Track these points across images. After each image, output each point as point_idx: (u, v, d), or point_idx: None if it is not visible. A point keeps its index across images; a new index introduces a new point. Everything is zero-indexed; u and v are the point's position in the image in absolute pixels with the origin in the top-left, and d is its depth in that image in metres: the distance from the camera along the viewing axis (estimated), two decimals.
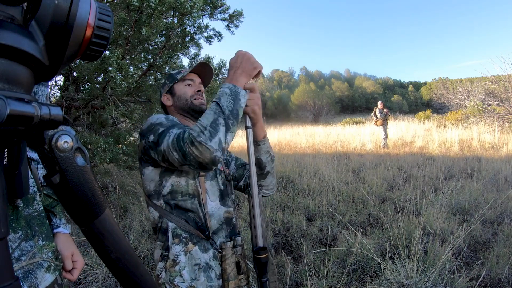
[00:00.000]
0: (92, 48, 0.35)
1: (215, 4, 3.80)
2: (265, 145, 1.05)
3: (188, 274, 0.91)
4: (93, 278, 2.18)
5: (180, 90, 1.10)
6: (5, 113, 0.25)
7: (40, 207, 0.64)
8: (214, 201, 1.01)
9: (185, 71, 1.12)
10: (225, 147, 0.77)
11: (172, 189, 0.95)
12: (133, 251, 0.42)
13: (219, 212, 1.01)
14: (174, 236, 0.93)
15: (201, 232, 0.95)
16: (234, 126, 0.80)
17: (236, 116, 0.80)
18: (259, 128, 1.00)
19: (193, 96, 1.10)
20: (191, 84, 1.12)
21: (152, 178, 0.96)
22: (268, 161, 1.07)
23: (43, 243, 0.64)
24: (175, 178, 0.95)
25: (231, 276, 0.93)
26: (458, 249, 2.55)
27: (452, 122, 12.85)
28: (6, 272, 0.26)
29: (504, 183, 4.43)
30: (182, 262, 0.92)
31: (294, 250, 2.77)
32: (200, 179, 0.99)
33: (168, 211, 0.95)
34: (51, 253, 0.63)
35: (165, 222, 0.95)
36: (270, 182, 1.11)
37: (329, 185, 4.57)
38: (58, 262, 0.65)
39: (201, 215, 0.96)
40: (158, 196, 0.96)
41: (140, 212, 3.44)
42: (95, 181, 0.37)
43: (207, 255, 0.95)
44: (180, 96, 1.09)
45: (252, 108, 0.93)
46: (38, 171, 0.86)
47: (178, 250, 0.92)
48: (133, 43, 3.27)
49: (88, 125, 3.78)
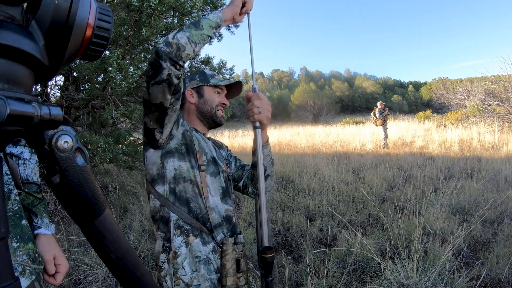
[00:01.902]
0: (92, 48, 0.35)
1: (215, 4, 3.79)
2: (266, 149, 1.08)
3: (189, 266, 0.91)
4: (93, 278, 2.18)
5: (209, 94, 1.11)
6: (5, 113, 0.25)
7: (16, 206, 0.62)
8: (214, 196, 1.01)
9: (219, 79, 1.13)
10: (171, 41, 0.81)
11: (176, 174, 0.96)
12: (133, 251, 0.41)
13: (220, 208, 1.01)
14: (176, 227, 0.93)
15: (202, 225, 0.96)
16: (190, 28, 0.85)
17: (195, 22, 0.88)
18: (264, 133, 1.05)
19: (218, 106, 1.12)
20: (220, 92, 1.14)
21: (154, 161, 0.98)
22: (268, 164, 1.10)
23: (17, 245, 0.61)
24: (177, 161, 0.97)
25: (230, 273, 0.92)
26: (458, 249, 2.55)
27: (452, 122, 12.85)
28: (6, 272, 0.26)
29: (504, 183, 4.43)
30: (183, 253, 0.92)
31: (294, 250, 2.77)
32: (201, 174, 0.99)
33: (171, 201, 0.95)
34: (26, 255, 0.60)
35: (167, 212, 0.95)
36: (269, 184, 1.14)
37: (329, 185, 4.57)
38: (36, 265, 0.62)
39: (202, 206, 0.97)
40: (162, 181, 0.96)
41: (140, 212, 3.44)
42: (95, 181, 0.37)
43: (207, 248, 0.95)
44: (207, 100, 1.10)
45: (265, 115, 0.97)
46: (19, 167, 0.81)
47: (179, 241, 0.92)
48: (133, 43, 3.27)
49: (88, 125, 3.78)
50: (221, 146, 1.22)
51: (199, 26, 0.87)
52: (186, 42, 0.83)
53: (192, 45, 0.85)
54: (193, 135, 1.03)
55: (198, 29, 0.87)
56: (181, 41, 0.82)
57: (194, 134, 1.04)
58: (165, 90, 0.84)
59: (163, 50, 0.81)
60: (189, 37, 0.84)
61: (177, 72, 0.84)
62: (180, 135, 0.99)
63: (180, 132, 0.99)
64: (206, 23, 0.89)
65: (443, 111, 22.19)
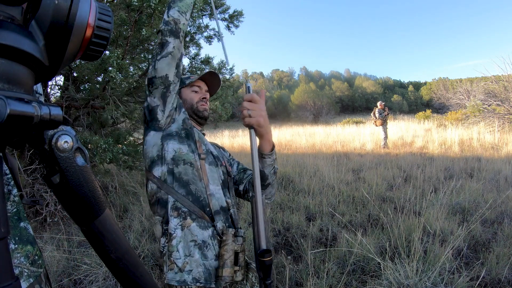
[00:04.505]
0: (92, 48, 0.35)
1: (215, 4, 3.79)
2: (270, 158, 1.00)
3: (183, 250, 0.90)
4: (93, 278, 2.18)
5: (187, 95, 1.16)
6: (5, 113, 0.25)
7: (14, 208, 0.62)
8: (214, 184, 1.01)
9: (194, 78, 1.18)
10: (167, 20, 0.97)
11: (175, 156, 0.98)
12: (133, 251, 0.41)
13: (220, 196, 1.01)
14: (173, 208, 0.93)
15: (202, 209, 0.95)
16: (175, 3, 0.98)
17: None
18: (265, 141, 0.95)
19: (199, 102, 1.16)
20: (198, 91, 1.18)
21: (155, 142, 1.00)
22: (270, 173, 1.03)
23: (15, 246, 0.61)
24: (176, 144, 0.99)
25: (227, 264, 0.90)
26: (458, 249, 2.55)
27: (452, 122, 12.85)
28: (6, 272, 0.26)
29: (504, 183, 4.43)
30: (178, 236, 0.91)
31: (294, 250, 2.77)
32: (201, 162, 1.00)
33: (168, 182, 0.95)
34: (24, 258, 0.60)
35: (164, 194, 0.95)
36: (269, 192, 1.09)
37: (329, 185, 4.57)
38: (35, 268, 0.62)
39: (202, 190, 0.97)
40: (161, 162, 0.98)
41: (140, 212, 3.44)
42: (95, 181, 0.37)
43: (206, 233, 0.93)
44: (186, 100, 1.15)
45: (256, 120, 0.87)
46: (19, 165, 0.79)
47: (175, 223, 0.92)
48: (133, 43, 3.27)
49: (88, 125, 3.78)
50: (223, 149, 1.26)
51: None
52: (178, 15, 0.98)
53: (183, 14, 0.99)
54: (192, 126, 1.07)
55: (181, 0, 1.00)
56: (175, 15, 0.97)
57: (193, 127, 1.08)
58: (171, 62, 0.97)
59: (165, 28, 0.96)
60: (179, 10, 0.98)
61: (179, 44, 0.98)
62: (181, 120, 1.04)
63: (181, 117, 1.04)
64: None
65: (443, 111, 22.20)
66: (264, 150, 0.98)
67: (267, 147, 0.97)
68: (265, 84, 54.31)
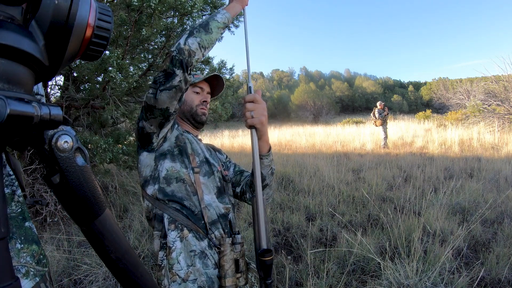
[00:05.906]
0: (92, 48, 0.35)
1: (215, 4, 3.79)
2: (267, 159, 1.01)
3: (184, 261, 0.91)
4: (93, 278, 2.18)
5: (187, 95, 1.12)
6: (5, 113, 0.25)
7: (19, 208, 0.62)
8: (209, 194, 1.01)
9: (198, 78, 1.13)
10: (182, 47, 0.83)
11: (167, 174, 0.96)
12: (133, 251, 0.41)
13: (217, 205, 1.01)
14: (170, 222, 0.93)
15: (196, 223, 0.95)
16: (200, 33, 0.86)
17: (204, 25, 0.88)
18: (264, 141, 0.96)
19: (199, 105, 1.12)
20: (199, 92, 1.14)
21: (148, 163, 0.99)
22: (268, 174, 1.04)
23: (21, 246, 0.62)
24: (169, 163, 0.98)
25: (229, 273, 0.92)
26: (458, 249, 2.55)
27: (452, 122, 12.85)
28: (6, 272, 0.26)
29: (504, 183, 4.43)
30: (178, 248, 0.91)
31: (294, 250, 2.77)
32: (195, 176, 1.00)
33: (160, 200, 0.95)
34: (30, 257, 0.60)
35: (159, 210, 0.95)
36: (266, 193, 1.10)
37: (329, 185, 4.57)
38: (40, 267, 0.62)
39: (196, 203, 0.97)
40: (154, 182, 0.97)
41: (140, 212, 3.44)
42: (95, 181, 0.37)
43: (203, 244, 0.95)
44: (186, 101, 1.12)
45: (259, 119, 0.88)
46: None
47: (174, 236, 0.92)
48: (133, 43, 3.27)
49: (88, 125, 3.78)
50: (220, 151, 1.24)
51: (209, 30, 0.88)
52: (196, 47, 0.85)
53: (202, 50, 0.86)
54: (186, 137, 1.04)
55: (208, 33, 0.87)
56: (192, 47, 0.84)
57: (186, 136, 1.05)
58: (174, 96, 0.87)
59: (177, 58, 0.83)
60: (200, 43, 0.85)
61: (187, 78, 0.87)
62: (174, 138, 1.01)
63: (174, 135, 1.01)
64: (215, 25, 0.89)
65: (443, 111, 22.19)
66: (262, 151, 0.98)
67: (265, 148, 0.98)
68: (265, 84, 54.32)
